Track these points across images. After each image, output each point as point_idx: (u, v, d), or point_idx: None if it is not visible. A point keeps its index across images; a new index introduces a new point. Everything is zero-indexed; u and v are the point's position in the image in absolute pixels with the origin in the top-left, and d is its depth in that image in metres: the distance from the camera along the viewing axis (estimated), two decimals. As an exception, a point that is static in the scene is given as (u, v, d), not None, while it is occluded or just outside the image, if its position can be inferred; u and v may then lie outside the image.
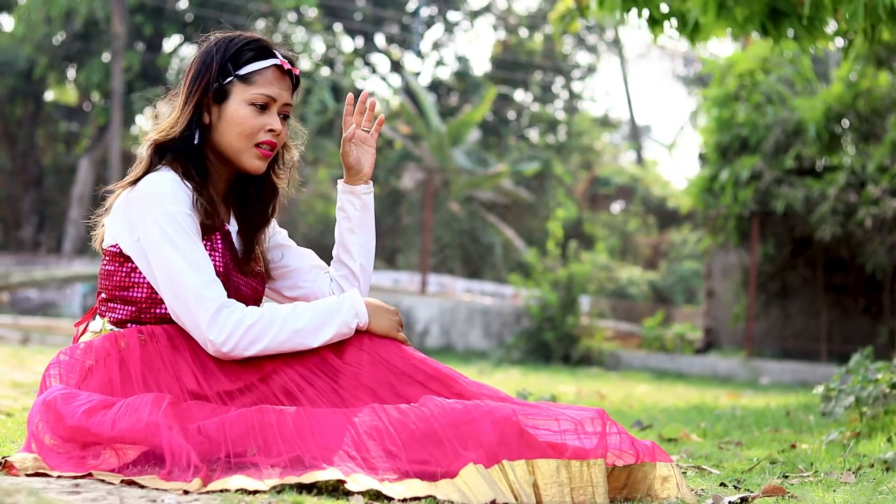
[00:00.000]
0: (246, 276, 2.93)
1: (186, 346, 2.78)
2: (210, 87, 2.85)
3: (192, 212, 2.78)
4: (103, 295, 2.88)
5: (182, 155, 2.85)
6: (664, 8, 6.22)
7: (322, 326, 2.74)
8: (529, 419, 2.57)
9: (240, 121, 2.84)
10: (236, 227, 2.96)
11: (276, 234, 3.10)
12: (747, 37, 6.18)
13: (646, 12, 6.21)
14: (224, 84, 2.86)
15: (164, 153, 2.87)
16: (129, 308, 2.83)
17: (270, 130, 2.85)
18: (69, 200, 25.27)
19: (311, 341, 2.74)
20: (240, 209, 2.98)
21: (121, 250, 2.82)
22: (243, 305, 2.74)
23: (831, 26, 6.11)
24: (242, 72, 2.86)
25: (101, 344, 2.81)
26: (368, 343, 2.82)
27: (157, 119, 2.98)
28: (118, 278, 2.84)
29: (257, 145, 2.86)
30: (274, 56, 2.89)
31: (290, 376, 2.78)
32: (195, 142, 2.86)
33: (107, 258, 2.87)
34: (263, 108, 2.86)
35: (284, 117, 2.91)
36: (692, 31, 6.15)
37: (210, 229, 2.85)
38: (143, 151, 2.92)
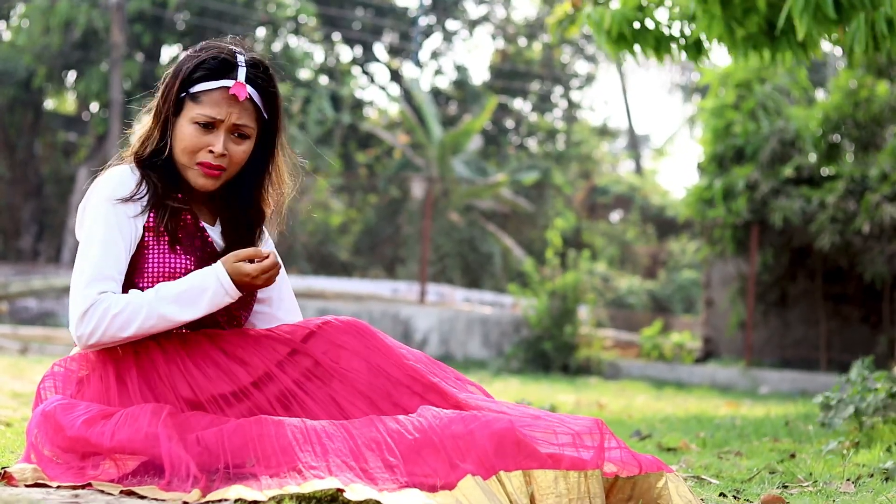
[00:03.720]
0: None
1: (178, 355, 2.79)
2: (171, 104, 2.88)
3: (131, 198, 2.81)
4: None
5: (152, 161, 2.89)
6: (662, 30, 6.25)
7: (190, 306, 2.75)
8: (527, 430, 2.57)
9: (182, 137, 2.86)
10: (220, 228, 2.97)
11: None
12: (747, 56, 6.23)
13: (648, 40, 6.25)
14: (180, 98, 2.87)
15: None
16: None
17: (210, 152, 2.84)
18: (68, 210, 25.27)
19: (180, 319, 2.76)
20: (228, 221, 2.98)
21: None
22: (111, 294, 2.73)
23: (827, 43, 6.14)
24: (193, 90, 2.86)
25: (98, 355, 2.81)
26: (365, 351, 2.83)
27: (137, 127, 2.99)
28: None
29: (200, 164, 2.86)
30: (229, 77, 2.87)
31: (284, 382, 2.78)
32: (164, 154, 2.89)
33: None
34: (208, 127, 2.85)
35: (241, 136, 2.88)
36: (695, 50, 6.19)
37: (178, 222, 2.86)
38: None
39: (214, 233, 2.94)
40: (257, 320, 3.07)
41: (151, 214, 2.84)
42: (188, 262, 2.84)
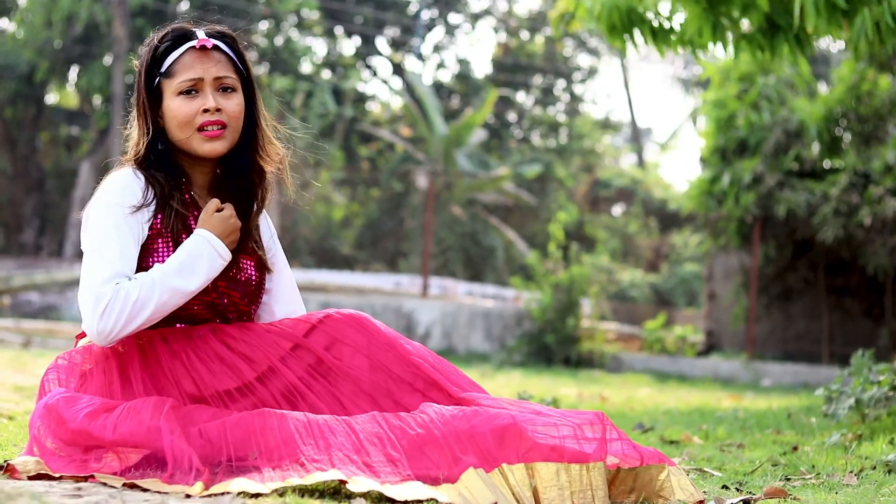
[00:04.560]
0: (238, 263, 2.92)
1: (183, 350, 2.79)
2: (147, 95, 2.87)
3: (139, 207, 2.80)
4: None
5: (150, 160, 2.88)
6: (662, 23, 6.25)
7: (192, 274, 2.76)
8: (528, 424, 2.57)
9: (174, 113, 2.85)
10: None
11: (276, 254, 3.09)
12: (743, 52, 6.23)
13: (646, 30, 6.25)
14: (155, 86, 2.87)
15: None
16: None
17: (206, 110, 2.85)
18: (71, 204, 25.28)
19: (189, 289, 2.76)
20: (230, 199, 2.96)
21: None
22: (125, 283, 2.72)
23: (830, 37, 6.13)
24: (163, 68, 2.86)
25: (101, 348, 2.81)
26: (367, 346, 2.82)
27: (128, 131, 2.98)
28: None
29: (201, 129, 2.85)
30: (190, 39, 2.88)
31: (289, 378, 2.78)
32: (160, 147, 2.88)
33: None
34: (192, 92, 2.85)
35: (225, 89, 2.88)
36: (690, 43, 6.20)
37: (185, 223, 2.85)
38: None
39: None
40: (262, 311, 3.06)
41: (159, 216, 2.83)
42: None
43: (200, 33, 2.90)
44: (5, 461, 2.71)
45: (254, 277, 2.96)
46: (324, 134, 26.95)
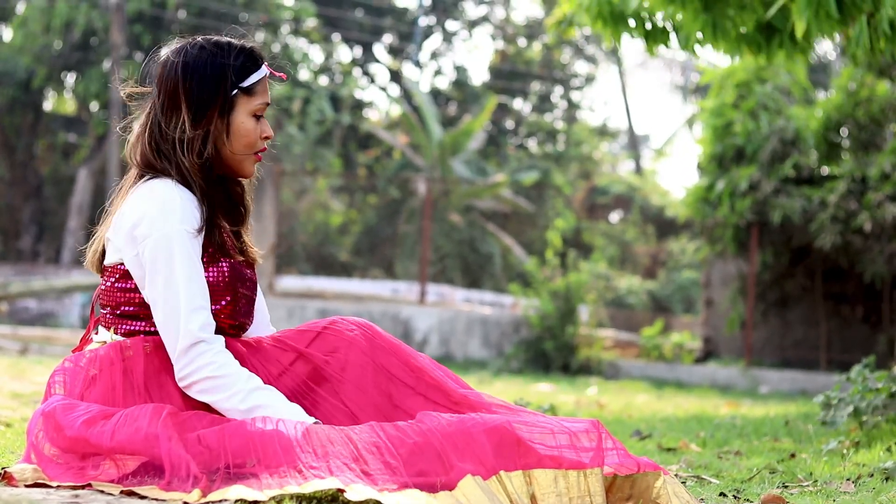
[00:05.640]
0: (246, 266, 2.94)
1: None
2: (222, 101, 2.83)
3: (200, 229, 2.78)
4: (113, 312, 2.85)
5: (190, 166, 2.82)
6: (657, 22, 6.25)
7: (259, 412, 2.70)
8: (525, 432, 2.58)
9: (246, 132, 2.86)
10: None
11: None
12: (741, 53, 6.23)
13: (639, 28, 6.25)
14: (231, 96, 2.84)
15: (166, 158, 2.82)
16: (139, 322, 2.83)
17: (266, 137, 2.90)
18: (68, 211, 25.27)
19: (240, 408, 2.71)
20: (225, 206, 2.96)
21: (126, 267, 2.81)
22: (219, 349, 2.71)
23: (826, 43, 6.16)
24: (246, 83, 2.86)
25: (106, 353, 2.79)
26: (370, 350, 2.83)
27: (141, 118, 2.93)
28: (129, 296, 2.82)
29: (256, 152, 2.89)
30: (262, 62, 2.91)
31: (291, 387, 2.78)
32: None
33: (115, 276, 2.83)
34: (259, 116, 2.89)
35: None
36: (686, 44, 6.20)
37: (220, 239, 2.84)
38: (145, 155, 2.85)
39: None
40: None
41: (206, 232, 2.82)
42: (225, 266, 2.84)
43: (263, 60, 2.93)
44: (3, 469, 2.70)
45: (253, 277, 2.99)
46: (321, 140, 26.96)
